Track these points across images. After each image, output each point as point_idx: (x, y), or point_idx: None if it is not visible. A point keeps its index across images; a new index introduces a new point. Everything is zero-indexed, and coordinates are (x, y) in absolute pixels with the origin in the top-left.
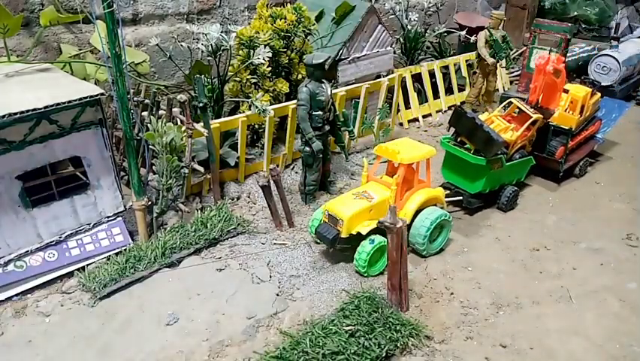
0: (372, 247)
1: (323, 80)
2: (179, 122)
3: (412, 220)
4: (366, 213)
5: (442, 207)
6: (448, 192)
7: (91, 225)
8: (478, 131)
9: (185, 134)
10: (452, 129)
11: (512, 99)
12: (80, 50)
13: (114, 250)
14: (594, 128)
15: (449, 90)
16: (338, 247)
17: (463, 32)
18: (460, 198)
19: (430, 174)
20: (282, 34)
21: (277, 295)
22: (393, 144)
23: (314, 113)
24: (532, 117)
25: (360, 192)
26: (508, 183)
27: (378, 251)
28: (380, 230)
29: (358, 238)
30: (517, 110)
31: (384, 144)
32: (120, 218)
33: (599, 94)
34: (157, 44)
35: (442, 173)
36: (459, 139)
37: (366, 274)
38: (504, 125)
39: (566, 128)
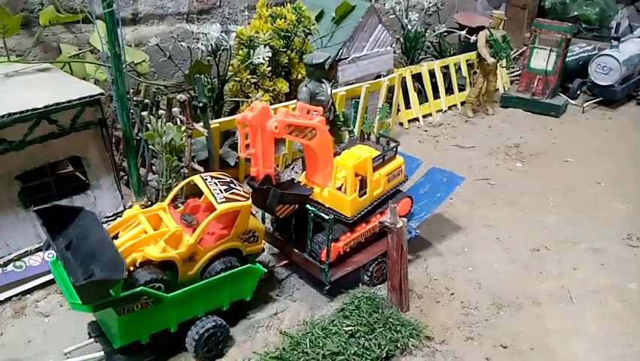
0: None
1: (323, 80)
2: (178, 122)
3: None
4: None
5: None
6: (91, 341)
7: None
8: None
9: (185, 134)
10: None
11: (195, 177)
12: (80, 49)
13: None
14: (399, 211)
15: (449, 90)
16: None
17: (464, 32)
18: (101, 354)
19: None
20: (282, 33)
21: (277, 295)
22: None
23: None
24: (216, 209)
25: None
26: (205, 313)
27: None
28: None
29: None
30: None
31: None
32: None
33: (400, 158)
34: (157, 44)
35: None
36: None
37: None
38: (150, 233)
39: (326, 216)
